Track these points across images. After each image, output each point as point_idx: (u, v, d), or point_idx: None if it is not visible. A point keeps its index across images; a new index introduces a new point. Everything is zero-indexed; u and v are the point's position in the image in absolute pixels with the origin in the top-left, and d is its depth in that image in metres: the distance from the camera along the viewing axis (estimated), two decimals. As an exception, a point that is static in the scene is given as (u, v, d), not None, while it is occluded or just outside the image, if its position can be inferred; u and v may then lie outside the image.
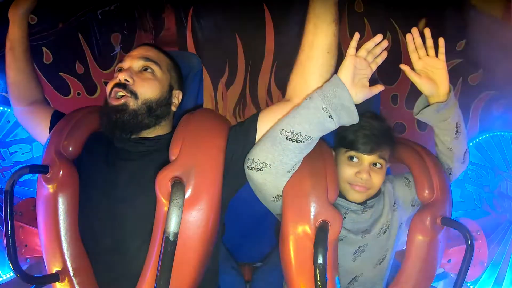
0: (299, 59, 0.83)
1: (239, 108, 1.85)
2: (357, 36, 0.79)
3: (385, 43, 0.81)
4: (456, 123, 0.92)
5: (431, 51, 0.86)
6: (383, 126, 0.93)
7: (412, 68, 0.87)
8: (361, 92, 0.79)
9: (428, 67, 0.87)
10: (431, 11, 1.66)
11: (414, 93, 0.93)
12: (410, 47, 0.86)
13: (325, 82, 0.80)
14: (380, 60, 0.82)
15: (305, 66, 0.82)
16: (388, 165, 0.95)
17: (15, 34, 1.00)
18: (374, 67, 0.81)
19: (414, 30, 0.85)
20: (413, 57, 0.87)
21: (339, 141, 0.94)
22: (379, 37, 0.80)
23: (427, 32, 0.85)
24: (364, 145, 0.89)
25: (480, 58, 1.60)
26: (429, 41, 0.86)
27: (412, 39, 0.86)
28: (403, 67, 0.85)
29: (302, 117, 0.77)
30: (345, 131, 0.90)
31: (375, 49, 0.81)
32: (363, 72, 0.80)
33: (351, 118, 0.78)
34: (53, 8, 1.58)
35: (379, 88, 0.81)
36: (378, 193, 0.97)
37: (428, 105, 0.90)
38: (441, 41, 0.86)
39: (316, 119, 0.77)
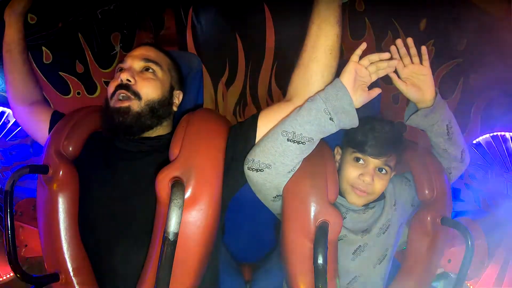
0: (301, 60, 0.83)
1: (239, 108, 1.85)
2: (363, 45, 0.81)
3: (394, 63, 0.82)
4: (446, 125, 0.93)
5: (416, 59, 0.88)
6: (395, 133, 0.92)
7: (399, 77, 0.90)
8: (361, 97, 0.80)
9: (414, 74, 0.89)
10: (432, 11, 1.65)
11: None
12: (395, 58, 0.88)
13: (327, 84, 0.81)
14: (382, 74, 0.83)
15: (307, 66, 0.82)
16: (393, 173, 0.95)
17: (11, 35, 1.00)
18: (374, 77, 0.82)
19: (398, 42, 0.88)
20: (399, 66, 0.89)
21: (347, 140, 0.94)
22: (386, 55, 0.81)
23: (410, 41, 0.88)
24: (372, 148, 0.89)
25: (482, 58, 1.59)
26: (413, 50, 0.88)
27: (396, 49, 0.88)
28: (391, 75, 0.88)
29: (304, 119, 0.78)
30: (356, 132, 0.90)
31: (382, 63, 0.81)
32: (362, 79, 0.81)
33: (352, 121, 0.79)
34: (52, 7, 1.58)
35: (376, 91, 0.83)
36: (381, 197, 0.97)
37: (416, 111, 0.91)
38: (423, 49, 0.89)
39: (317, 121, 0.77)
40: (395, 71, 0.89)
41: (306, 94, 0.82)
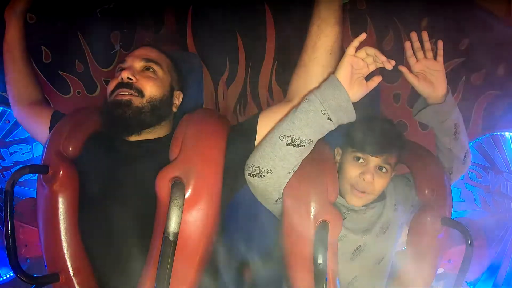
0: (301, 60, 0.83)
1: (240, 106, 1.84)
2: (361, 36, 0.78)
3: (392, 62, 0.76)
4: (455, 124, 0.92)
5: (429, 54, 0.87)
6: (394, 131, 0.92)
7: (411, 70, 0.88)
8: (358, 91, 0.78)
9: (426, 69, 0.87)
10: (434, 9, 1.65)
11: (416, 92, 0.93)
12: (408, 53, 0.87)
13: (322, 81, 0.79)
14: (380, 65, 0.79)
15: (308, 67, 0.82)
16: (394, 172, 0.94)
17: (12, 35, 1.00)
18: (372, 68, 0.79)
19: (413, 35, 0.86)
20: (411, 61, 0.88)
21: (347, 140, 0.93)
22: (385, 59, 0.75)
23: (425, 35, 0.86)
24: (371, 146, 0.88)
25: (483, 57, 1.59)
26: (427, 44, 0.87)
27: (410, 44, 0.86)
28: (402, 68, 0.86)
29: (302, 121, 0.77)
30: (355, 131, 0.89)
31: (378, 57, 0.77)
32: (359, 71, 0.78)
33: (349, 117, 0.78)
34: (52, 7, 1.57)
35: (376, 81, 0.79)
36: (382, 197, 0.97)
37: (426, 107, 0.90)
38: (440, 43, 0.87)
39: (315, 122, 0.77)
40: (407, 65, 0.86)
41: None
